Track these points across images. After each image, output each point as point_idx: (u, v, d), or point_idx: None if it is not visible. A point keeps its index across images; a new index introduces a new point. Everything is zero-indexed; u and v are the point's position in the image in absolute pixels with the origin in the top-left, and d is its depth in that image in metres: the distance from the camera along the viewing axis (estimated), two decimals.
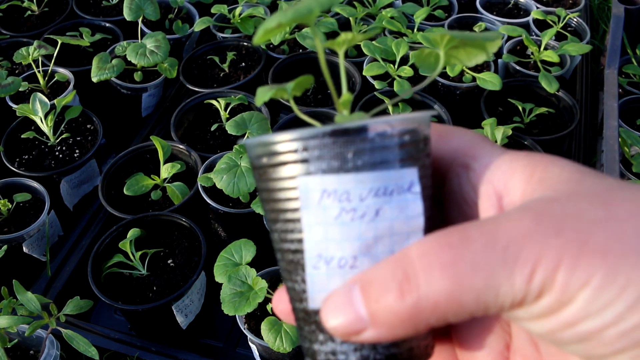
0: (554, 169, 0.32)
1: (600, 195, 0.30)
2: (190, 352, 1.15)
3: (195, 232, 1.17)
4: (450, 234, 0.31)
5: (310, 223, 0.34)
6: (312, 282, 0.34)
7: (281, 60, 1.56)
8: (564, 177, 0.32)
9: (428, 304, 0.30)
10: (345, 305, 0.31)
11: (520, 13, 1.85)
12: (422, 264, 0.30)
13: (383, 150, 0.33)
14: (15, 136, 1.41)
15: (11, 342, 1.06)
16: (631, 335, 0.28)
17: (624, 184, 0.31)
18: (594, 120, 1.59)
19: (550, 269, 0.28)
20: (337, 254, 0.33)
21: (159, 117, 1.58)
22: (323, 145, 0.33)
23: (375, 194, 0.33)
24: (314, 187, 0.33)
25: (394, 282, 0.30)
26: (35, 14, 1.79)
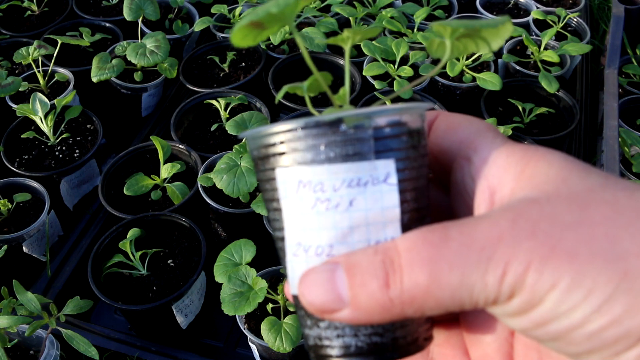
0: (543, 165, 0.33)
1: (579, 197, 0.31)
2: (190, 352, 1.15)
3: (195, 232, 1.17)
4: (433, 232, 0.32)
5: (289, 212, 0.35)
6: (292, 269, 0.36)
7: (281, 60, 1.56)
8: (551, 175, 0.32)
9: (407, 296, 0.31)
10: (326, 283, 0.32)
11: (520, 13, 1.85)
12: (407, 258, 0.31)
13: (356, 142, 0.34)
14: (15, 136, 1.41)
15: (11, 342, 1.06)
16: (599, 336, 0.29)
17: (608, 184, 0.32)
18: (594, 120, 1.59)
19: (520, 271, 0.29)
20: (314, 242, 0.34)
21: (159, 117, 1.58)
22: (297, 137, 0.34)
23: (348, 185, 0.34)
24: (291, 178, 0.35)
25: (382, 270, 0.31)
26: (35, 14, 1.79)
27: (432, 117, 0.40)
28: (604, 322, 0.29)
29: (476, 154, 0.36)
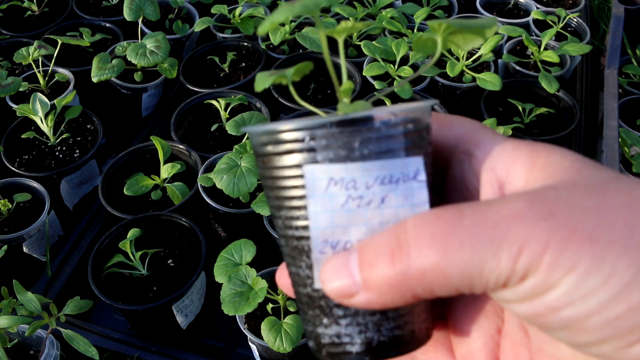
0: (556, 157, 0.33)
1: (596, 185, 0.30)
2: (190, 352, 1.15)
3: (195, 232, 1.17)
4: (446, 210, 0.31)
5: (317, 211, 0.34)
6: (318, 266, 0.35)
7: (281, 60, 1.56)
8: (565, 166, 0.32)
9: (416, 272, 0.30)
10: (342, 268, 0.33)
11: (520, 13, 1.85)
12: (415, 233, 0.31)
13: (389, 139, 0.34)
14: (15, 136, 1.41)
15: (11, 342, 1.06)
16: (615, 325, 0.28)
17: (621, 176, 0.31)
18: (594, 121, 1.59)
19: (537, 250, 0.28)
20: (343, 238, 0.34)
21: (159, 117, 1.58)
22: (330, 134, 0.34)
23: (381, 182, 0.34)
24: (321, 176, 0.34)
25: (388, 248, 0.31)
26: (35, 14, 1.79)
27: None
28: (622, 310, 0.28)
29: (478, 148, 0.36)
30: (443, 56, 1.57)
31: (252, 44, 1.64)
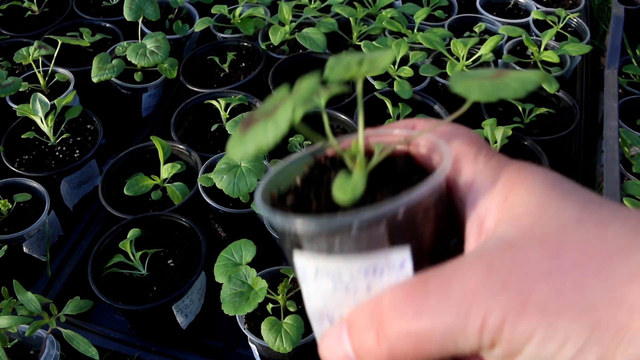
0: (523, 193, 0.34)
1: (552, 240, 0.31)
2: (190, 352, 1.15)
3: (195, 232, 1.17)
4: (414, 286, 0.33)
5: (309, 294, 0.36)
6: (318, 334, 0.38)
7: (281, 60, 1.56)
8: (530, 206, 0.33)
9: (399, 350, 0.33)
10: (337, 345, 0.36)
11: (520, 13, 1.85)
12: (392, 316, 0.33)
13: (369, 237, 0.33)
14: (15, 136, 1.41)
15: (11, 342, 1.06)
16: None
17: (582, 218, 0.32)
18: (594, 121, 1.59)
19: (496, 325, 0.31)
20: (337, 312, 0.36)
21: (159, 117, 1.58)
22: (312, 234, 0.34)
23: (365, 274, 0.34)
24: (309, 265, 0.35)
25: (372, 329, 0.34)
26: (36, 14, 1.79)
27: (409, 132, 0.40)
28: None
29: (460, 176, 0.37)
30: (443, 56, 1.57)
31: (252, 44, 1.64)
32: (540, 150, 1.33)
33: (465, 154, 0.37)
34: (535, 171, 0.34)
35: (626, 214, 0.31)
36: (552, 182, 0.34)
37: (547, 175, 0.34)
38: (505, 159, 0.36)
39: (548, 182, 0.34)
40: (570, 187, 0.33)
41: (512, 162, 0.36)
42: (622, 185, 1.23)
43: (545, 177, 0.34)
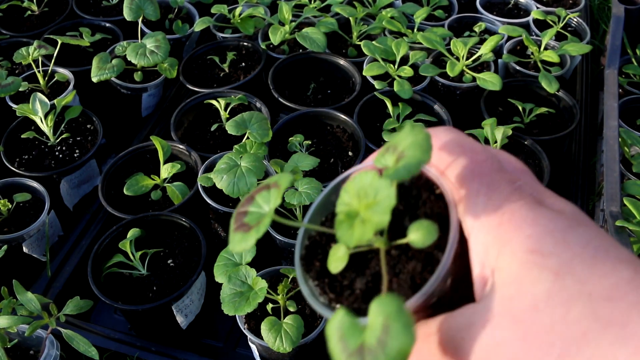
0: (508, 257, 0.35)
1: (524, 319, 0.33)
2: (190, 352, 1.15)
3: (195, 232, 1.17)
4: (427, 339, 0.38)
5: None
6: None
7: (281, 60, 1.56)
8: (512, 274, 0.34)
9: None
10: None
11: (520, 13, 1.85)
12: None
13: None
14: (15, 136, 1.41)
15: (11, 342, 1.06)
16: None
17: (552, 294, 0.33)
18: (594, 120, 1.59)
19: None
20: None
21: (159, 117, 1.58)
22: None
23: None
24: None
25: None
26: (35, 14, 1.79)
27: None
28: None
29: (465, 217, 0.38)
30: (443, 56, 1.57)
31: (252, 44, 1.64)
32: (540, 150, 1.33)
33: (469, 192, 0.38)
34: (522, 225, 0.35)
35: (592, 287, 0.32)
36: (536, 240, 0.34)
37: (532, 233, 0.35)
38: (503, 198, 0.37)
39: (531, 242, 0.35)
40: (554, 242, 0.34)
41: (508, 204, 0.36)
42: (622, 185, 1.23)
43: (529, 235, 0.35)
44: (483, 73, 1.45)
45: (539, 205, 0.36)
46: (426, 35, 1.51)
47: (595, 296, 0.32)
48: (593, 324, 0.31)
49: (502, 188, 0.37)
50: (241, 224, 0.40)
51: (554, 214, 0.36)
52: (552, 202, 0.38)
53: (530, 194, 0.37)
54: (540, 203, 0.37)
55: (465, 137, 0.41)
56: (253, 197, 0.41)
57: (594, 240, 0.34)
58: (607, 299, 0.32)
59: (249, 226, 0.39)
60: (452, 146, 0.40)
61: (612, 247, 0.34)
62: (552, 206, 0.37)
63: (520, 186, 0.38)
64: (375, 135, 1.40)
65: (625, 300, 0.31)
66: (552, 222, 0.35)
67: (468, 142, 0.40)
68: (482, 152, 0.40)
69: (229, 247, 0.39)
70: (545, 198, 0.38)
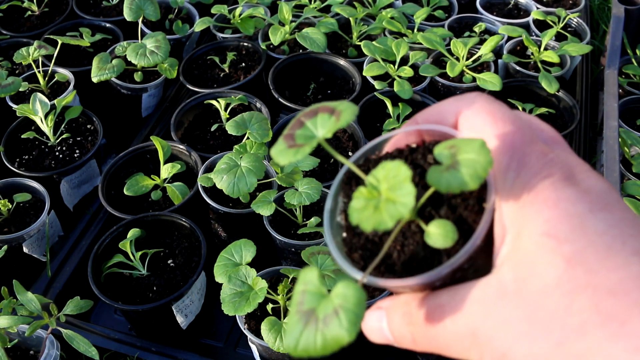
0: (526, 238, 0.36)
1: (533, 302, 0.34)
2: (190, 352, 1.15)
3: (196, 232, 1.17)
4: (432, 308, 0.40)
5: None
6: None
7: (281, 60, 1.56)
8: (528, 255, 0.36)
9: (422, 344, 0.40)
10: (378, 326, 0.43)
11: (521, 13, 1.85)
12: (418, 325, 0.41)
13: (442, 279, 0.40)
14: (15, 136, 1.41)
15: (11, 342, 1.06)
16: None
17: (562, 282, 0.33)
18: (594, 121, 1.59)
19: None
20: None
21: (159, 117, 1.58)
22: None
23: None
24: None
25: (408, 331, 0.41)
26: (35, 14, 1.79)
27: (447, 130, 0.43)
28: None
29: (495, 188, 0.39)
30: (443, 56, 1.57)
31: (252, 44, 1.64)
32: None
33: (498, 166, 0.38)
34: (543, 207, 0.35)
35: (600, 280, 0.32)
36: (553, 224, 0.35)
37: (551, 217, 0.35)
38: (531, 174, 0.37)
39: (548, 226, 0.35)
40: (571, 227, 0.34)
41: (535, 183, 0.36)
42: (622, 185, 1.23)
43: (548, 218, 0.35)
44: (483, 73, 1.45)
45: (567, 183, 0.36)
46: (426, 36, 1.51)
47: (600, 289, 0.32)
48: (593, 316, 0.32)
49: (533, 163, 0.37)
50: (291, 135, 0.40)
51: (579, 195, 0.35)
52: (583, 177, 0.37)
53: (561, 168, 0.37)
54: (569, 179, 0.36)
55: (498, 105, 0.40)
56: (317, 113, 0.40)
57: (613, 228, 0.34)
58: (612, 294, 0.32)
59: (295, 143, 0.39)
60: (484, 115, 0.40)
61: (630, 238, 0.33)
62: (581, 182, 0.36)
63: (552, 159, 0.37)
64: (375, 136, 1.40)
65: (629, 297, 0.31)
66: (573, 205, 0.35)
67: (500, 111, 0.40)
68: (514, 121, 0.39)
69: (277, 159, 0.39)
70: (576, 172, 0.37)
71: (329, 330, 0.34)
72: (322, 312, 0.35)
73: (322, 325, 0.34)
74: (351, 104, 0.40)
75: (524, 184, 0.36)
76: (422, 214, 0.40)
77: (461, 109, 0.42)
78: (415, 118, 0.45)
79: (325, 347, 0.33)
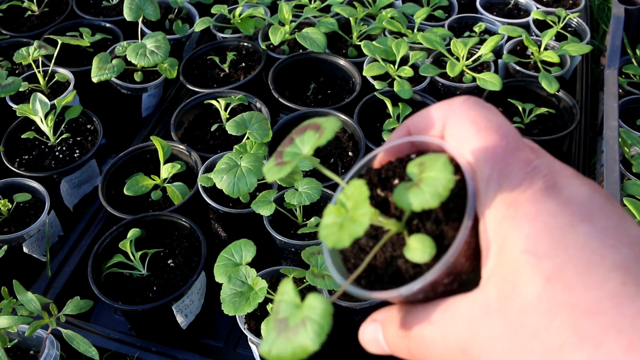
0: (508, 254, 0.35)
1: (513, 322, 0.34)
2: (190, 352, 1.15)
3: (196, 232, 1.17)
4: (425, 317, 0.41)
5: None
6: None
7: (281, 60, 1.56)
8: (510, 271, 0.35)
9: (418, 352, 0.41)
10: (374, 338, 0.44)
11: (521, 13, 1.85)
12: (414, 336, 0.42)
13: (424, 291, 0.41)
14: (15, 136, 1.41)
15: (11, 342, 1.06)
16: None
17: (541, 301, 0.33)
18: (594, 121, 1.59)
19: None
20: None
21: (159, 117, 1.58)
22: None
23: None
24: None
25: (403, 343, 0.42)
26: (36, 14, 1.79)
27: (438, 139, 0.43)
28: None
29: (477, 201, 0.38)
30: (443, 56, 1.57)
31: (252, 44, 1.64)
32: None
33: (480, 178, 0.38)
34: (523, 222, 0.35)
35: (577, 299, 0.32)
36: (533, 240, 0.34)
37: (531, 232, 0.35)
38: (513, 185, 0.37)
39: (528, 242, 0.35)
40: (550, 243, 0.34)
41: (516, 194, 0.36)
42: (622, 185, 1.23)
43: (528, 234, 0.35)
44: (483, 73, 1.45)
45: (548, 193, 0.35)
46: (426, 36, 1.51)
47: (578, 309, 0.32)
48: (571, 337, 0.32)
49: (515, 174, 0.37)
50: (280, 152, 0.43)
51: (559, 207, 0.35)
52: (566, 184, 0.36)
53: (544, 176, 0.36)
54: (552, 187, 0.36)
55: (484, 111, 0.40)
56: (305, 130, 0.42)
57: (594, 240, 0.33)
58: (589, 314, 0.32)
59: (282, 161, 0.42)
60: (468, 124, 0.39)
61: (611, 250, 0.33)
62: (564, 191, 0.36)
63: (535, 167, 0.37)
64: (375, 136, 1.40)
65: (605, 317, 0.31)
66: (553, 218, 0.34)
67: (485, 119, 0.39)
68: (498, 130, 0.39)
69: (266, 176, 0.42)
70: (560, 179, 0.36)
71: (297, 339, 0.35)
72: (293, 322, 0.37)
73: (292, 334, 0.36)
74: (335, 119, 0.41)
75: (505, 196, 0.36)
76: (409, 226, 0.40)
77: (448, 116, 0.41)
78: (405, 124, 0.45)
79: (294, 354, 0.35)
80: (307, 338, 0.35)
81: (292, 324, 0.36)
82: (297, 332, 0.36)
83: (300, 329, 0.36)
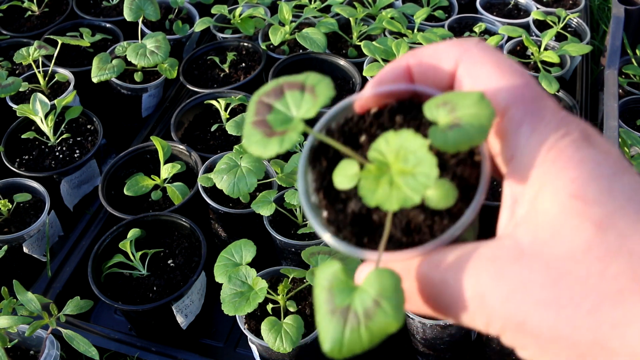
0: (548, 199, 0.33)
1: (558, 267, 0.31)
2: (190, 352, 1.15)
3: (196, 233, 1.17)
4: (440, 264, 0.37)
5: None
6: None
7: (281, 60, 1.56)
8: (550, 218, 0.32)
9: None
10: None
11: (521, 13, 1.85)
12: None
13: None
14: (15, 136, 1.41)
15: (11, 342, 1.06)
16: None
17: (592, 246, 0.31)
18: (594, 121, 1.59)
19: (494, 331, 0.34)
20: None
21: (159, 118, 1.58)
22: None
23: None
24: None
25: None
26: (36, 14, 1.79)
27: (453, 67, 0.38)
28: None
29: (503, 145, 0.36)
30: None
31: (252, 44, 1.64)
32: None
33: (510, 120, 0.35)
34: (568, 166, 0.33)
35: (634, 245, 0.31)
36: (580, 185, 0.32)
37: (578, 177, 0.33)
38: (549, 129, 0.34)
39: (575, 187, 0.32)
40: (599, 189, 0.32)
41: (555, 139, 0.34)
42: None
43: (574, 178, 0.33)
44: None
45: (587, 143, 0.34)
46: (426, 36, 1.51)
47: (636, 255, 0.30)
48: (631, 283, 0.30)
49: (549, 118, 0.35)
50: (262, 121, 0.35)
51: (602, 156, 0.33)
52: (598, 140, 0.34)
53: (577, 126, 0.34)
54: (587, 140, 0.34)
55: (500, 55, 0.37)
56: (283, 91, 0.36)
57: (639, 193, 0.32)
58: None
59: (272, 131, 0.35)
60: (490, 66, 0.37)
61: None
62: (599, 145, 0.34)
63: (566, 117, 0.35)
64: None
65: None
66: (599, 166, 0.33)
67: (506, 62, 0.37)
68: (522, 74, 0.36)
69: (244, 144, 0.35)
70: (591, 134, 0.35)
71: (374, 323, 0.32)
72: (361, 306, 0.33)
73: (364, 319, 0.32)
74: (319, 75, 0.36)
75: (543, 139, 0.34)
76: None
77: (462, 56, 0.38)
78: (404, 58, 0.40)
79: (372, 340, 0.32)
80: (389, 317, 0.32)
81: (360, 310, 0.32)
82: (372, 316, 0.32)
83: (376, 310, 0.32)
